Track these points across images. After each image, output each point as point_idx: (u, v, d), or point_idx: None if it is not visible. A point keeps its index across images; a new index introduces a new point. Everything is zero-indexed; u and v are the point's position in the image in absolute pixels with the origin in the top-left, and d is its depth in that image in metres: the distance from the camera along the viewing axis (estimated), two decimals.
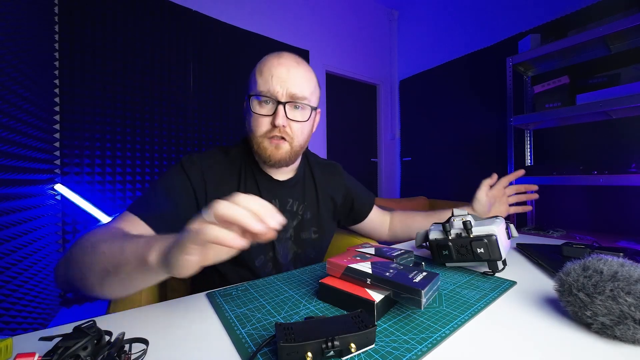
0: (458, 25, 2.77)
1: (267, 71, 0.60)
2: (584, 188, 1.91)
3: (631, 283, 0.31)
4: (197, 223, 0.31)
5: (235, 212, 0.30)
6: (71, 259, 0.44)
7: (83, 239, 0.45)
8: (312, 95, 0.64)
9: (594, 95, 1.56)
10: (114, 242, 0.41)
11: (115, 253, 0.38)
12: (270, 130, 0.60)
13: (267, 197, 0.67)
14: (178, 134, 1.99)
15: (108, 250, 0.40)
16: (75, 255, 0.43)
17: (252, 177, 0.67)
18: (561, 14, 2.04)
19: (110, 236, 0.44)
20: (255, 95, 0.60)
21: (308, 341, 0.28)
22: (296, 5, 2.65)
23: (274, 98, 0.59)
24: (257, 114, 0.60)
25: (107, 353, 0.28)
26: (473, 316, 0.37)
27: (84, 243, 0.44)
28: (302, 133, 0.64)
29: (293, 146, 0.63)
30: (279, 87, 0.59)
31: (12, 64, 1.06)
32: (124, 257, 0.37)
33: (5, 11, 1.04)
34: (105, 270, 0.38)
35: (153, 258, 0.35)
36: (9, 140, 1.05)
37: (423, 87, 3.11)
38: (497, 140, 2.39)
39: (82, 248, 0.43)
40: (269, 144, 0.61)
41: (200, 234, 0.29)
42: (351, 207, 0.84)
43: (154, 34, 1.90)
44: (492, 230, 0.50)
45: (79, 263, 0.42)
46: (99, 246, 0.41)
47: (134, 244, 0.38)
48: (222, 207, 0.30)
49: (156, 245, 0.36)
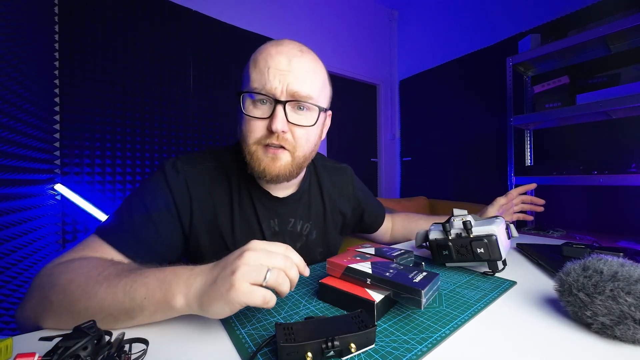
0: (458, 25, 2.77)
1: (262, 61, 0.47)
2: (584, 188, 1.90)
3: (631, 283, 0.31)
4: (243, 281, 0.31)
5: (284, 286, 0.34)
6: (46, 304, 0.36)
7: (56, 277, 0.37)
8: (321, 93, 0.51)
9: (594, 95, 1.55)
10: (111, 285, 0.35)
11: (120, 299, 0.34)
12: (267, 136, 0.48)
13: (265, 216, 0.57)
14: (178, 134, 1.99)
15: (107, 295, 0.34)
16: (52, 300, 0.36)
17: (246, 193, 0.56)
18: (561, 14, 2.04)
19: (96, 276, 0.37)
20: (248, 92, 0.48)
21: (308, 341, 0.28)
22: (296, 5, 2.65)
23: (271, 96, 0.47)
24: (250, 117, 0.48)
25: (107, 353, 0.28)
26: (473, 316, 0.37)
27: (64, 283, 0.36)
28: (307, 141, 0.51)
29: (295, 157, 0.51)
30: (277, 83, 0.46)
31: (12, 64, 1.06)
32: (137, 304, 0.34)
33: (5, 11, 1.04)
34: (111, 317, 0.35)
35: (181, 303, 0.33)
36: (9, 140, 1.05)
37: (423, 87, 3.11)
38: (497, 140, 2.39)
39: (64, 291, 0.36)
40: (263, 155, 0.49)
41: (258, 300, 0.31)
42: (360, 219, 0.76)
43: (154, 34, 1.90)
44: (492, 230, 0.50)
45: (63, 309, 0.35)
46: (92, 290, 0.35)
47: (143, 287, 0.34)
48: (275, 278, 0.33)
49: (178, 287, 0.33)
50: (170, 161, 0.54)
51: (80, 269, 0.38)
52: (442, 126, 2.89)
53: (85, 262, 0.40)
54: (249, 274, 0.31)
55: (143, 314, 0.34)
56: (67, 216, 1.60)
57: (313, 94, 0.49)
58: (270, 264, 0.33)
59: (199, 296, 0.32)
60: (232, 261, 0.33)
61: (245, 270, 0.31)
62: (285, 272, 0.34)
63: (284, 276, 0.34)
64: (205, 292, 0.32)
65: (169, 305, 0.33)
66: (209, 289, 0.32)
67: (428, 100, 3.05)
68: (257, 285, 0.31)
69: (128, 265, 0.41)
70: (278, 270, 0.33)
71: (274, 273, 0.32)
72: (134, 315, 0.35)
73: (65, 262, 0.41)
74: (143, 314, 0.34)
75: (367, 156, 3.31)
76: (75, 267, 0.39)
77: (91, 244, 0.45)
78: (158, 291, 0.34)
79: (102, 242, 0.45)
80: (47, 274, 0.40)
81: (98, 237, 0.46)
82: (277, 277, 0.33)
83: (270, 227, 0.59)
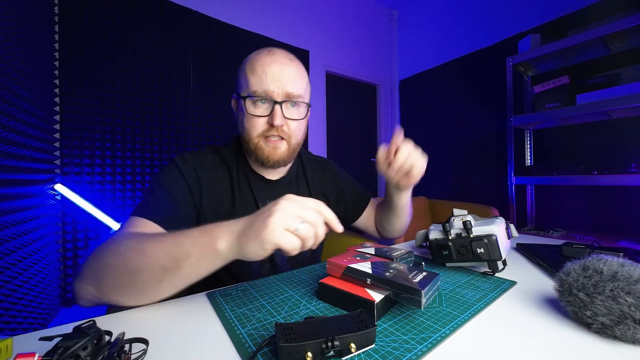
0: (458, 25, 2.77)
1: (260, 69, 0.57)
2: (584, 188, 1.90)
3: (631, 283, 0.31)
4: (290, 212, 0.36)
5: (311, 241, 0.37)
6: (103, 270, 0.41)
7: (109, 247, 0.43)
8: (306, 92, 0.63)
9: (594, 95, 1.55)
10: (159, 241, 0.40)
11: (170, 249, 0.39)
12: (268, 130, 0.59)
13: (261, 197, 0.66)
14: (178, 134, 1.99)
15: (157, 249, 0.39)
16: (109, 264, 0.41)
17: (244, 178, 0.67)
18: (561, 14, 2.04)
19: (145, 238, 0.42)
20: (249, 95, 0.58)
21: (308, 341, 0.28)
22: (296, 6, 2.65)
23: (270, 98, 0.57)
24: (252, 115, 0.59)
25: (107, 353, 0.28)
26: (473, 316, 0.37)
27: (116, 249, 0.42)
28: (299, 131, 0.63)
29: (291, 144, 0.62)
30: (274, 87, 0.57)
31: (12, 64, 1.06)
32: (184, 251, 0.38)
33: (5, 11, 1.04)
34: (164, 268, 0.39)
35: (223, 245, 0.37)
36: (9, 140, 1.05)
37: (423, 87, 3.11)
38: (497, 140, 2.39)
39: (118, 254, 0.41)
40: (265, 145, 0.60)
41: (288, 244, 0.35)
42: (345, 206, 0.81)
43: (154, 34, 1.90)
44: (492, 230, 0.50)
45: (119, 270, 0.40)
46: (142, 247, 0.40)
47: (189, 237, 0.39)
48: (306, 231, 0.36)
49: (220, 232, 0.38)
50: (178, 155, 0.64)
51: (129, 239, 0.44)
52: (442, 126, 2.89)
53: (132, 235, 0.46)
54: (283, 219, 0.35)
55: (189, 260, 0.38)
56: (67, 216, 1.60)
57: (301, 93, 0.60)
58: (304, 216, 0.37)
59: (239, 237, 0.37)
60: (270, 207, 0.37)
61: (281, 215, 0.35)
62: (315, 227, 0.37)
63: (313, 231, 0.37)
64: (243, 233, 0.37)
65: (214, 248, 0.38)
66: (246, 230, 0.37)
67: (428, 100, 3.05)
68: (289, 231, 0.36)
69: (171, 232, 0.45)
70: (309, 224, 0.37)
71: (306, 226, 0.36)
72: (182, 263, 0.38)
73: (113, 238, 0.45)
74: (189, 261, 0.38)
75: (367, 156, 3.31)
76: (122, 238, 0.44)
77: (133, 222, 0.52)
78: (203, 237, 0.38)
79: (142, 219, 0.52)
80: (99, 249, 0.44)
81: (135, 216, 0.53)
82: (307, 230, 0.37)
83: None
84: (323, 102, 2.82)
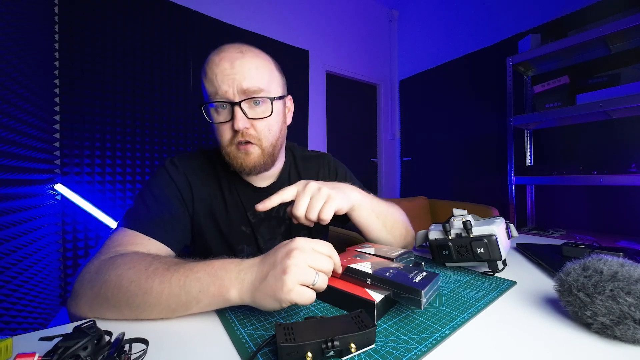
0: (458, 25, 2.77)
1: (210, 71, 0.52)
2: (584, 188, 1.91)
3: (631, 283, 0.31)
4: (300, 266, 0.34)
5: (325, 286, 0.37)
6: (103, 303, 0.39)
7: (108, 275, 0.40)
8: (271, 83, 0.56)
9: (594, 95, 1.56)
10: (165, 280, 0.38)
11: (176, 293, 0.37)
12: (234, 136, 0.54)
13: (250, 206, 0.63)
14: (178, 134, 1.99)
15: (163, 290, 0.37)
16: (110, 297, 0.38)
17: (233, 187, 0.64)
18: (561, 14, 2.04)
19: (149, 273, 0.39)
20: (206, 103, 0.54)
21: (308, 341, 0.28)
22: (296, 6, 2.65)
23: (226, 100, 0.52)
24: (217, 123, 0.54)
25: (107, 353, 0.28)
26: (473, 316, 0.37)
27: (118, 282, 0.39)
28: (270, 131, 0.56)
29: (264, 148, 0.56)
30: (227, 86, 0.51)
31: (12, 64, 1.06)
32: (193, 297, 0.37)
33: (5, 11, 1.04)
34: (170, 309, 0.38)
35: (234, 295, 0.36)
36: (9, 140, 1.05)
37: (423, 87, 3.11)
38: (497, 140, 2.39)
39: (119, 288, 0.38)
40: (237, 152, 0.55)
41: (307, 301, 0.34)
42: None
43: (154, 34, 1.90)
44: (492, 230, 0.50)
45: (120, 303, 0.38)
46: (147, 286, 0.38)
47: (196, 282, 0.37)
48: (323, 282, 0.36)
49: (230, 282, 0.36)
50: (168, 160, 0.62)
51: (125, 264, 0.41)
52: (442, 126, 2.89)
53: (128, 258, 0.42)
54: (299, 275, 0.34)
55: (199, 305, 0.37)
56: (67, 216, 1.60)
57: (262, 86, 0.53)
58: (317, 267, 0.36)
59: (252, 291, 0.36)
60: (282, 259, 0.35)
61: (296, 271, 0.34)
62: (328, 275, 0.38)
63: (327, 278, 0.37)
64: (257, 288, 0.35)
65: (224, 298, 0.37)
66: (260, 286, 0.35)
67: (428, 100, 3.05)
68: (305, 285, 0.35)
69: (170, 259, 0.43)
70: (323, 273, 0.37)
71: (322, 277, 0.36)
72: (190, 307, 0.38)
73: (108, 259, 0.43)
74: (199, 305, 0.37)
75: (367, 156, 3.31)
76: (119, 262, 0.41)
77: (123, 236, 0.49)
78: (212, 286, 0.37)
79: (132, 232, 0.50)
80: (93, 271, 0.42)
81: (127, 229, 0.50)
82: (323, 280, 0.36)
83: (257, 215, 0.65)
84: (323, 102, 2.82)
